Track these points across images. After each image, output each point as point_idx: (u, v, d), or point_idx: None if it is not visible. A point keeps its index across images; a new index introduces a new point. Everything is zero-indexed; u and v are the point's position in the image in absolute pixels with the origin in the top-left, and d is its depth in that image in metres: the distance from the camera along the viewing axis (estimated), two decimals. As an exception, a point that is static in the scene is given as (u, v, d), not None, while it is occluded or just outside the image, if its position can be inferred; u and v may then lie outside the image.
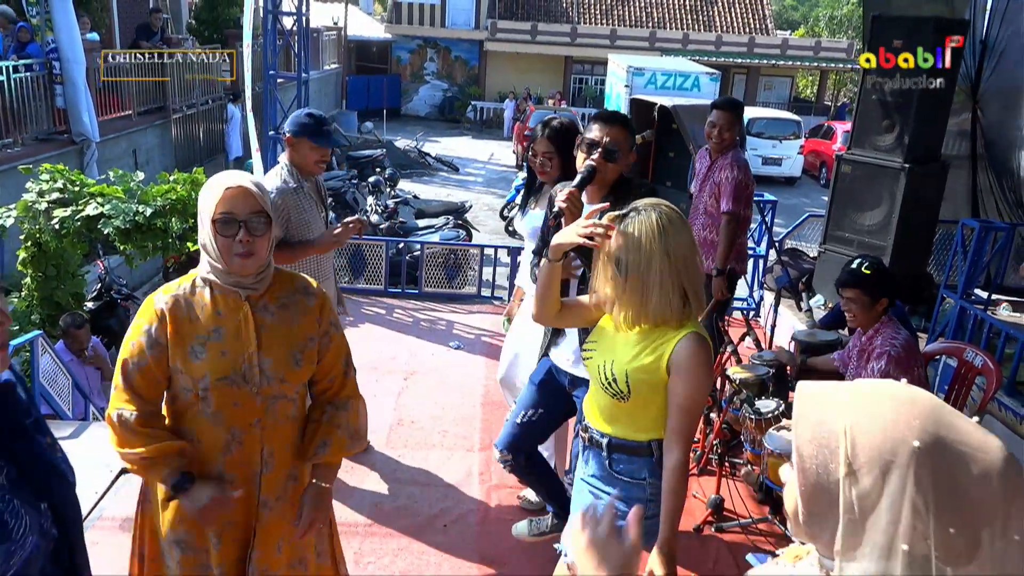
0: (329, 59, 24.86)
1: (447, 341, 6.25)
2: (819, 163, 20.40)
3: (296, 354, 2.12)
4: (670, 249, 2.01)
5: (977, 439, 0.97)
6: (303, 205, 3.62)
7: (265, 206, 2.03)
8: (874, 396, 1.02)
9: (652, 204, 2.08)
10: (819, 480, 1.02)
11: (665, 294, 2.04)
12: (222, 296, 2.06)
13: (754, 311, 7.14)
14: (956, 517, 0.94)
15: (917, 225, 5.71)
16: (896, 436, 0.97)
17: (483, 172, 19.96)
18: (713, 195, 4.75)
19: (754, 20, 29.73)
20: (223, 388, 2.03)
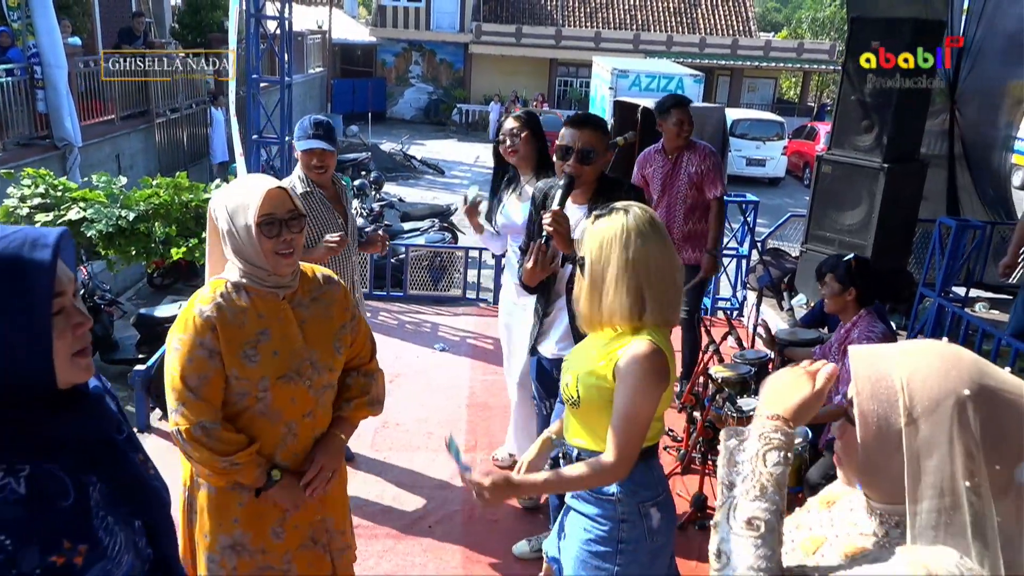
0: (314, 62, 24.81)
1: (432, 343, 6.25)
2: (803, 164, 20.52)
3: (336, 343, 2.23)
4: (630, 252, 1.97)
5: (1013, 384, 1.10)
6: (313, 212, 3.59)
7: (298, 204, 2.09)
8: (924, 353, 1.14)
9: (626, 206, 2.04)
10: (880, 431, 1.13)
11: (619, 296, 1.98)
12: (259, 298, 2.09)
13: (737, 311, 7.18)
14: (999, 455, 1.07)
15: (896, 224, 5.78)
16: (948, 386, 1.08)
17: (469, 175, 19.97)
18: (693, 186, 4.84)
19: (737, 22, 29.89)
20: (281, 386, 2.08)
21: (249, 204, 2.01)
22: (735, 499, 1.24)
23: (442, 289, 7.81)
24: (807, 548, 1.27)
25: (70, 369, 1.24)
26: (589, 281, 2.04)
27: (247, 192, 2.04)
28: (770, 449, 1.26)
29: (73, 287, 1.26)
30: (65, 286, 1.23)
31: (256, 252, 2.03)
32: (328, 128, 3.67)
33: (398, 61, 29.99)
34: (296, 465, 2.19)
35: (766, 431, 1.28)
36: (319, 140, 3.60)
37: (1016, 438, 1.07)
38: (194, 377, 2.02)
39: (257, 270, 2.06)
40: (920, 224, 6.37)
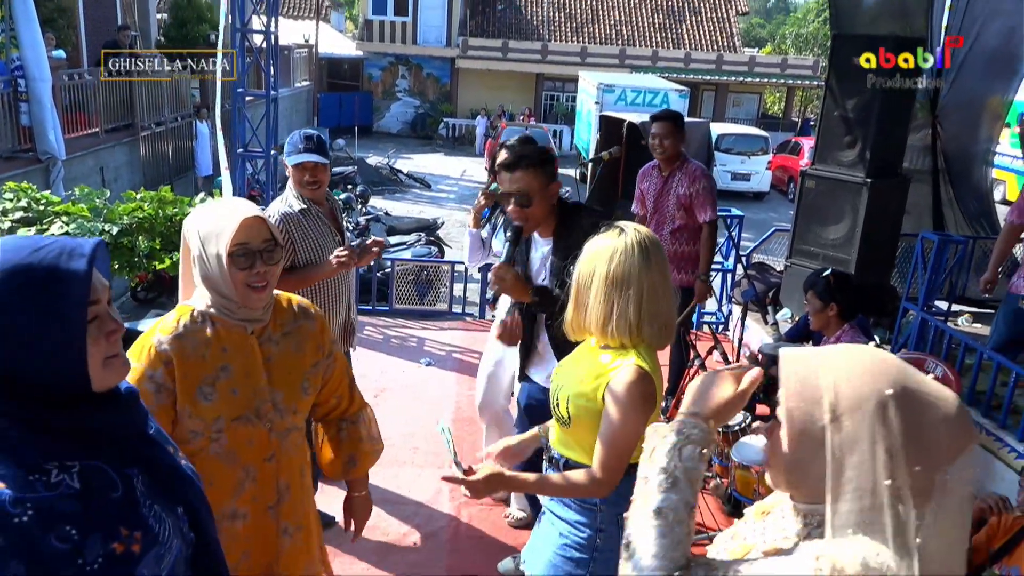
0: (300, 76, 24.82)
1: (418, 358, 6.24)
2: (787, 178, 20.66)
3: (304, 383, 2.08)
4: (612, 267, 2.01)
5: (936, 389, 1.13)
6: (310, 228, 3.47)
7: (275, 233, 1.97)
8: (850, 355, 1.18)
9: (625, 226, 2.08)
10: (805, 429, 1.15)
11: (596, 308, 2.04)
12: (225, 330, 1.95)
13: (722, 325, 7.21)
14: (919, 456, 1.09)
15: (880, 238, 5.81)
16: (872, 386, 1.11)
17: (455, 189, 19.99)
18: (681, 207, 4.82)
19: (722, 38, 30.14)
20: (237, 428, 1.95)
21: (222, 231, 1.89)
22: (649, 491, 1.27)
23: (428, 303, 7.79)
24: (736, 555, 1.30)
25: (104, 373, 1.29)
26: (575, 291, 2.10)
27: (221, 218, 1.91)
28: (686, 444, 1.30)
29: (108, 295, 1.32)
30: (100, 294, 1.29)
31: (226, 283, 1.91)
32: (320, 141, 3.53)
33: (385, 75, 30.04)
34: (256, 512, 2.02)
35: (685, 427, 1.32)
36: (311, 153, 3.44)
37: (935, 440, 1.09)
38: None
39: (226, 301, 1.94)
40: (903, 238, 6.41)
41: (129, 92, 12.66)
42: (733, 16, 31.02)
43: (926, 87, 6.90)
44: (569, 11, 30.78)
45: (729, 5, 31.05)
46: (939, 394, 1.13)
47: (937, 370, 3.90)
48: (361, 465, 2.32)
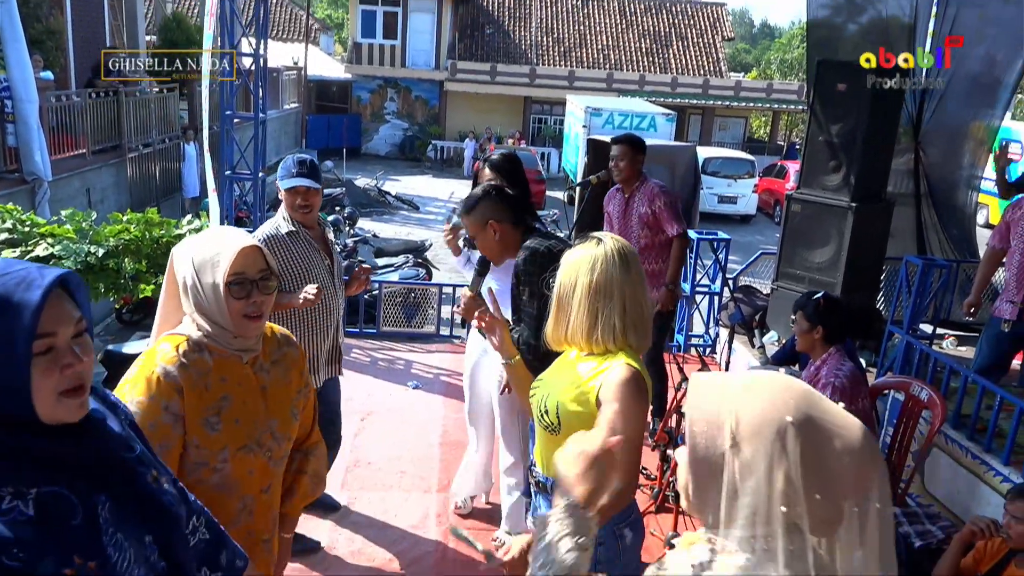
0: (289, 98, 24.89)
1: (405, 381, 6.22)
2: (773, 201, 20.83)
3: (293, 409, 2.09)
4: (594, 276, 2.06)
5: (841, 419, 1.13)
6: (297, 252, 3.50)
7: (271, 263, 1.97)
8: (756, 381, 1.18)
9: (602, 237, 2.14)
10: (707, 453, 1.15)
11: (579, 317, 2.08)
12: (222, 360, 1.94)
13: (710, 348, 7.23)
14: (820, 485, 1.08)
15: (865, 262, 5.86)
16: (773, 413, 1.11)
17: (443, 211, 20.02)
18: (644, 226, 4.90)
19: (708, 63, 30.45)
20: (241, 458, 1.94)
21: (219, 261, 1.88)
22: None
23: (416, 326, 7.79)
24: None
25: (56, 408, 1.26)
26: (557, 301, 2.14)
27: (218, 247, 1.90)
28: (563, 536, 1.28)
29: (79, 327, 1.30)
30: (59, 326, 1.25)
31: (221, 313, 1.89)
32: (312, 166, 3.57)
33: (373, 98, 30.15)
34: (250, 546, 1.99)
35: (561, 517, 1.30)
36: (303, 178, 3.49)
37: (837, 470, 1.09)
38: (157, 446, 1.79)
39: (221, 331, 1.92)
40: (888, 262, 6.47)
41: (116, 113, 12.66)
42: (719, 42, 31.38)
43: (910, 112, 7.00)
44: (557, 35, 31.05)
45: (715, 31, 31.43)
46: (843, 423, 1.12)
47: (922, 393, 3.92)
48: (294, 500, 2.21)
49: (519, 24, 31.34)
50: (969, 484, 4.14)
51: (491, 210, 3.04)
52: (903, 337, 4.67)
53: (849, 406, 3.51)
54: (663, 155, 10.12)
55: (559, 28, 31.26)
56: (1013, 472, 3.88)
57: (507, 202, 3.08)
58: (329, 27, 43.96)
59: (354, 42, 29.52)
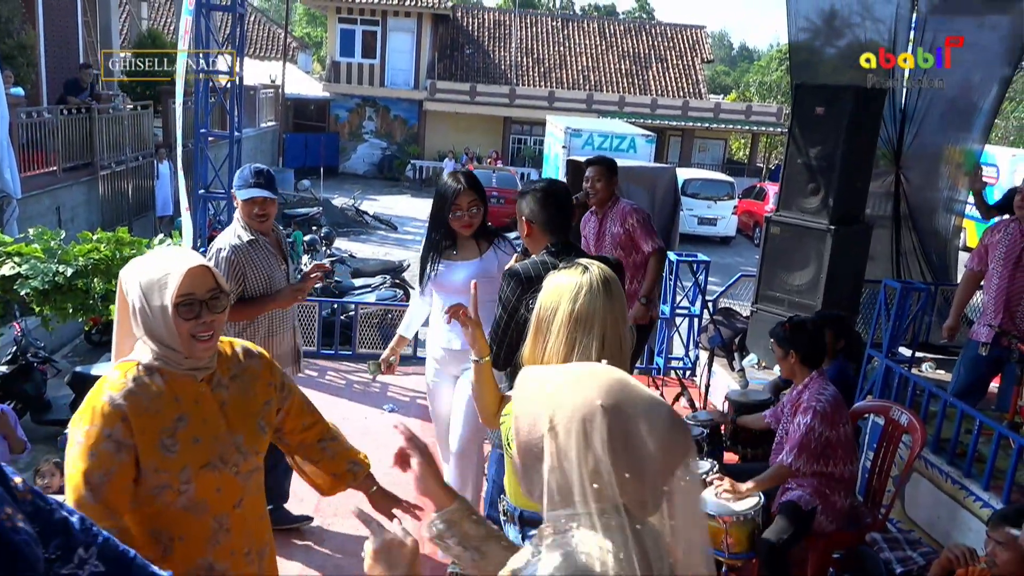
0: (266, 116, 24.84)
1: (381, 404, 6.17)
2: (752, 223, 21.00)
3: (260, 422, 2.09)
4: (576, 305, 2.02)
5: (649, 401, 1.21)
6: (259, 259, 3.71)
7: (220, 281, 1.95)
8: (576, 370, 1.28)
9: (588, 264, 2.09)
10: (529, 438, 1.24)
11: (558, 344, 2.04)
12: (175, 381, 1.93)
13: (689, 371, 7.24)
14: (629, 465, 1.16)
15: (844, 285, 5.90)
16: (587, 398, 1.20)
17: (422, 231, 19.96)
18: (617, 246, 4.93)
19: (688, 84, 30.79)
20: (205, 476, 1.93)
21: (167, 282, 1.86)
22: None
23: (392, 347, 7.71)
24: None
25: None
26: (535, 324, 2.10)
27: (165, 268, 1.89)
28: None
29: None
30: None
31: (171, 335, 1.88)
32: (269, 176, 3.79)
33: (352, 116, 30.18)
34: (237, 567, 2.01)
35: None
36: (260, 189, 3.71)
37: (644, 451, 1.17)
38: (96, 474, 1.81)
39: (171, 352, 1.91)
40: (867, 284, 6.52)
41: (89, 130, 12.55)
42: (698, 64, 31.77)
43: (890, 136, 7.10)
44: (537, 56, 31.30)
45: (694, 53, 31.83)
46: (650, 407, 1.20)
47: (902, 417, 3.94)
48: (364, 464, 2.35)
49: (499, 44, 31.58)
50: (950, 510, 4.15)
51: (528, 207, 3.02)
52: (882, 361, 4.70)
53: (830, 431, 3.52)
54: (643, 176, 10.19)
55: (539, 49, 31.53)
56: (993, 497, 3.90)
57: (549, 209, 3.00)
58: (307, 45, 44.00)
59: (332, 61, 29.58)
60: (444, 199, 3.60)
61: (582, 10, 59.34)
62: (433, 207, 3.70)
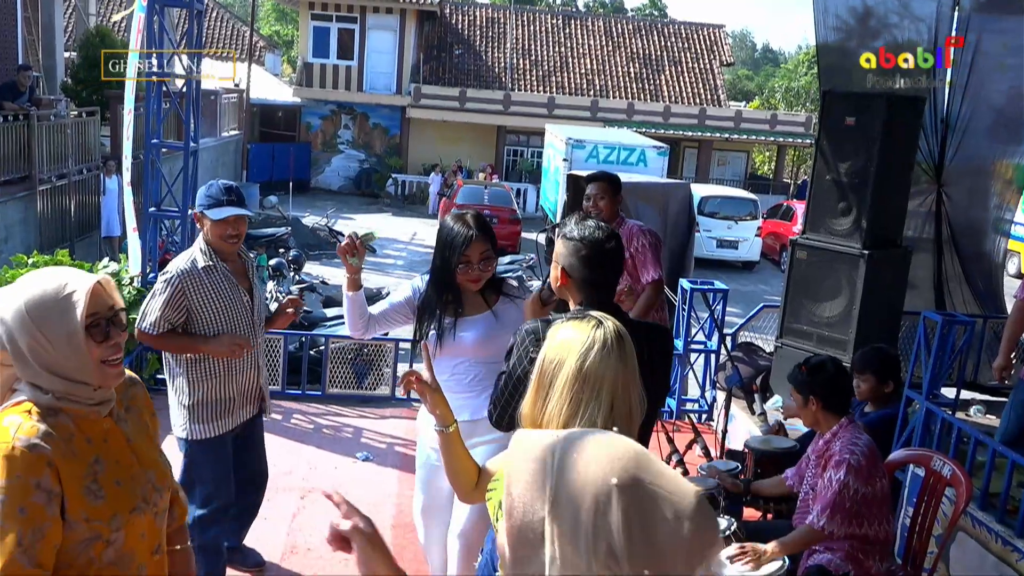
0: (228, 125, 24.96)
1: (354, 451, 6.16)
2: (779, 246, 21.07)
3: (162, 456, 2.12)
4: (585, 364, 1.99)
5: (673, 483, 1.13)
6: (212, 287, 3.72)
7: (118, 298, 1.96)
8: (580, 439, 1.19)
9: (603, 318, 2.08)
10: (525, 519, 1.15)
11: (560, 404, 2.00)
12: (81, 420, 1.90)
13: (704, 414, 7.23)
14: (648, 557, 1.08)
15: (879, 317, 5.93)
16: (597, 474, 1.11)
17: (404, 254, 20.05)
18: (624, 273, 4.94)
19: (705, 90, 31.04)
20: (134, 521, 1.93)
21: (71, 304, 1.83)
22: None
23: (368, 388, 7.72)
24: None
25: None
26: (538, 377, 2.08)
27: (62, 288, 1.85)
28: None
29: None
30: None
31: (81, 364, 1.85)
32: (240, 193, 3.84)
33: (325, 124, 30.33)
34: None
35: None
36: (235, 207, 3.72)
37: (667, 539, 1.08)
38: (29, 534, 1.74)
39: (76, 387, 1.87)
40: (906, 317, 6.54)
41: (27, 139, 12.60)
42: (717, 67, 32.05)
43: (930, 149, 7.15)
44: (535, 57, 31.56)
45: (712, 55, 32.12)
46: (675, 488, 1.12)
47: (945, 469, 3.93)
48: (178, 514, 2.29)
49: (492, 45, 31.85)
50: (1000, 574, 4.14)
51: (568, 259, 2.85)
52: (922, 404, 4.70)
53: (865, 486, 3.50)
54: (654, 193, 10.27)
55: (537, 50, 31.81)
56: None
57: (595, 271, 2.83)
58: (276, 45, 44.37)
59: (304, 62, 29.77)
60: (451, 248, 3.36)
61: (586, 7, 60.04)
62: (436, 257, 3.47)
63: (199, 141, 7.92)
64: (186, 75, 7.61)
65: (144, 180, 7.73)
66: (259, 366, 4.05)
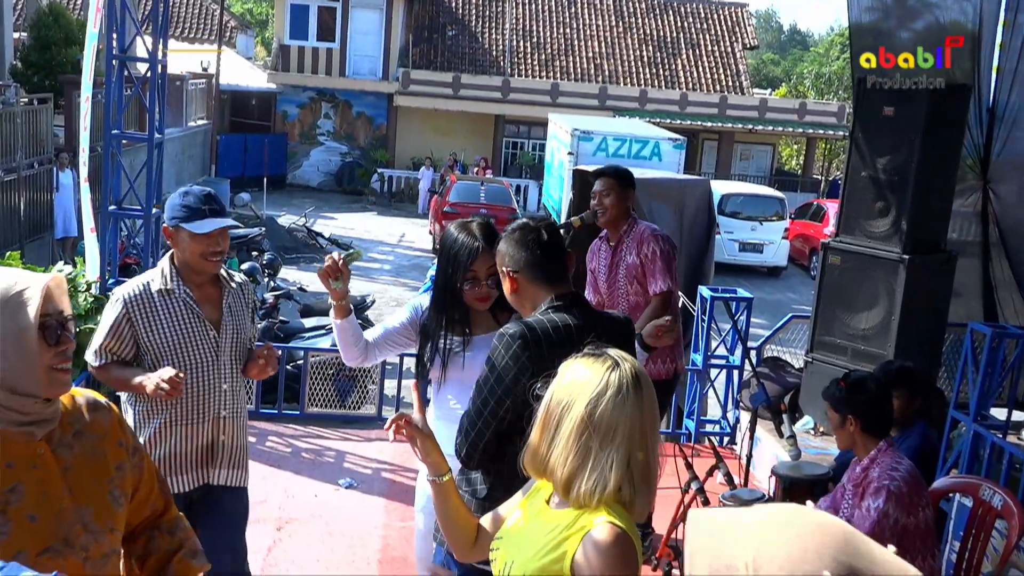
0: (196, 113, 25.00)
1: (336, 478, 6.15)
2: (808, 250, 21.10)
3: (113, 491, 2.05)
4: (597, 410, 1.98)
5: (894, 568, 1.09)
6: (165, 317, 3.43)
7: (67, 302, 1.96)
8: (778, 523, 1.13)
9: (620, 358, 2.06)
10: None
11: (565, 457, 2.01)
12: (6, 442, 1.88)
13: (727, 437, 7.22)
14: None
15: (921, 329, 5.92)
16: (803, 563, 1.06)
17: (391, 258, 20.07)
18: (633, 279, 4.95)
19: (726, 76, 31.08)
20: (46, 564, 1.86)
21: (19, 304, 1.85)
22: None
23: (351, 407, 7.72)
24: None
25: None
26: (543, 417, 2.08)
27: (10, 288, 1.86)
28: None
29: None
30: None
31: (29, 369, 1.85)
32: (221, 202, 3.61)
33: (303, 113, 30.36)
34: None
35: None
36: (219, 217, 3.48)
37: None
38: None
39: (17, 399, 1.87)
40: (951, 329, 6.54)
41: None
42: (739, 50, 32.10)
43: (975, 142, 7.15)
44: (537, 39, 31.60)
45: (734, 37, 32.17)
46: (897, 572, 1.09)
47: (995, 499, 3.93)
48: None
49: (490, 25, 31.90)
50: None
51: (506, 253, 2.87)
52: (969, 426, 4.70)
53: (907, 517, 3.49)
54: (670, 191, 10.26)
55: (540, 31, 31.85)
56: (1111, 600, 3.89)
57: (533, 248, 2.84)
58: (249, 25, 44.45)
59: (280, 44, 29.82)
60: (456, 263, 3.29)
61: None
62: (439, 272, 3.41)
63: (164, 132, 7.90)
64: (150, 58, 7.61)
65: (103, 175, 7.71)
66: (222, 419, 3.59)
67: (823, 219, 20.74)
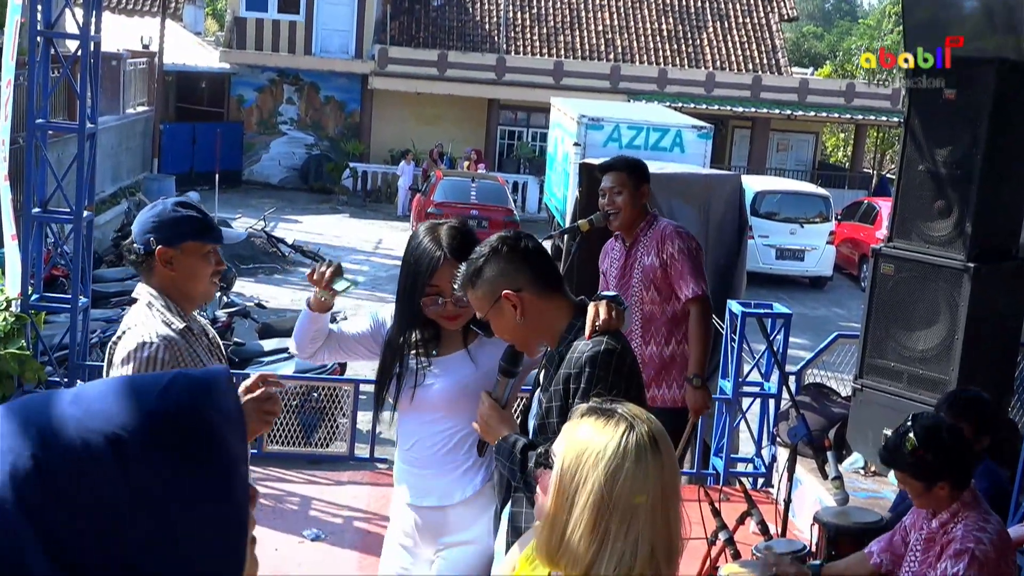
0: (135, 98, 25.01)
1: (301, 529, 6.15)
2: (858, 257, 21.09)
3: None
4: (616, 484, 1.98)
5: None
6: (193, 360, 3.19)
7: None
8: None
9: (635, 417, 2.07)
10: None
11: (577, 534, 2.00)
12: None
13: (762, 478, 7.21)
14: None
15: (990, 350, 5.93)
16: None
17: (366, 268, 20.05)
18: (649, 284, 4.95)
19: (760, 53, 31.13)
20: None
21: None
22: None
23: (318, 444, 7.71)
24: None
25: None
26: (555, 495, 2.07)
27: None
28: None
29: None
30: None
31: None
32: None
33: (262, 98, 30.38)
34: None
35: None
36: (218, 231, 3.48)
37: None
38: None
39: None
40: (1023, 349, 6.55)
41: None
42: (775, 22, 32.14)
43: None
44: (538, 11, 31.63)
45: (769, 6, 32.19)
46: None
47: (1077, 549, 3.94)
48: None
49: (481, -7, 31.94)
50: None
51: (502, 274, 2.85)
52: (1048, 463, 4.71)
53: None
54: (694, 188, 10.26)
55: (540, 1, 31.86)
56: None
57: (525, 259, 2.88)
58: (199, -6, 44.52)
59: (235, 17, 29.82)
60: (416, 273, 3.30)
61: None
62: (401, 281, 3.43)
63: (98, 120, 7.91)
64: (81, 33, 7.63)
65: (25, 172, 7.73)
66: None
67: (875, 221, 20.73)
